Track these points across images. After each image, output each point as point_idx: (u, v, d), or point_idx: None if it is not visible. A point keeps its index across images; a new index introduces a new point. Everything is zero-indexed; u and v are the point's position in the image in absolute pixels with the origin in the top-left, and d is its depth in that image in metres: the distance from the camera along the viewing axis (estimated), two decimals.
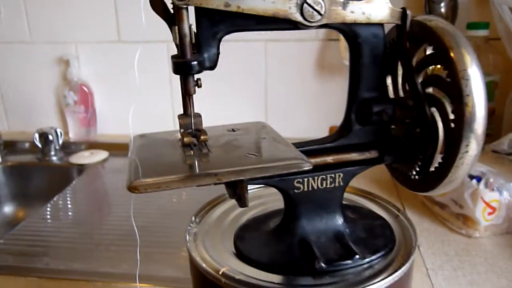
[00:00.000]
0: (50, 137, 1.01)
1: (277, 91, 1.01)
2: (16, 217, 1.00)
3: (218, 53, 0.23)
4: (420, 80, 0.25)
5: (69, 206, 0.85)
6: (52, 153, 1.02)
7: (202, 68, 0.22)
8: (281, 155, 0.22)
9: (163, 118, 1.03)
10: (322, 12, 0.23)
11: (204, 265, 0.25)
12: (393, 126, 0.27)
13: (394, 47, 0.26)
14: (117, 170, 0.97)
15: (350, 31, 0.24)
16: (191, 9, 0.22)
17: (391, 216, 0.30)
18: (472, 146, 0.22)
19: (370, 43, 0.25)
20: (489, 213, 0.62)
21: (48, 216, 0.78)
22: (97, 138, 1.09)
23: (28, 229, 0.73)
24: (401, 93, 0.27)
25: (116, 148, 1.04)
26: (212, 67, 0.23)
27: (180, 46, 0.22)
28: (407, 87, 0.25)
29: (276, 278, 0.25)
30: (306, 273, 0.25)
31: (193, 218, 0.30)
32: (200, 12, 0.22)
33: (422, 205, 0.73)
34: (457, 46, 0.22)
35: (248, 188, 0.30)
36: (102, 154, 1.01)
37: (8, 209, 1.00)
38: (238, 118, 0.23)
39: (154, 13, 0.22)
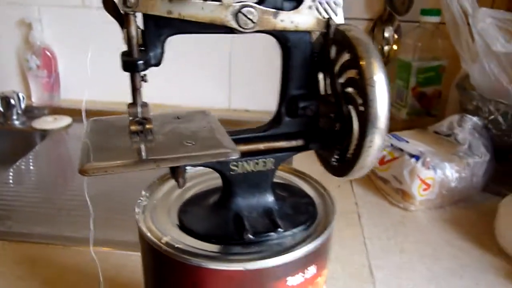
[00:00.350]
0: (12, 101, 1.01)
1: (242, 66, 1.04)
2: None
3: (162, 52, 0.26)
4: (342, 81, 0.29)
5: (32, 171, 0.86)
6: (14, 117, 1.02)
7: (147, 66, 0.25)
8: (214, 144, 0.26)
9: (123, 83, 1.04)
10: (255, 21, 0.26)
11: (149, 234, 0.29)
12: (320, 119, 0.31)
13: (321, 51, 0.30)
14: (80, 136, 0.98)
15: (280, 36, 0.28)
16: (139, 13, 0.25)
17: (317, 194, 0.35)
18: (376, 142, 0.27)
19: (298, 47, 0.28)
20: (424, 189, 0.68)
21: (11, 181, 0.80)
22: (60, 104, 1.09)
23: None
24: (329, 91, 0.31)
25: (80, 114, 1.04)
26: (157, 64, 0.26)
27: (128, 46, 0.25)
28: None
29: (211, 247, 0.29)
30: (237, 243, 0.29)
31: (143, 192, 0.34)
32: (146, 17, 0.25)
33: (368, 180, 0.79)
34: (368, 56, 0.26)
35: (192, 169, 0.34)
36: (65, 120, 1.02)
37: None
38: (202, 93, 0.26)
39: None
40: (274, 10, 0.26)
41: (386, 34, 0.97)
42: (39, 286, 0.51)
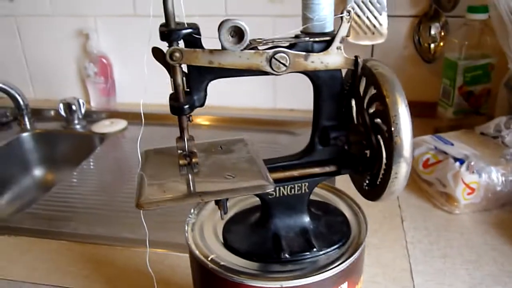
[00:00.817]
0: (74, 107, 1.09)
1: None
2: (46, 180, 1.10)
3: (205, 95, 0.30)
4: (371, 111, 0.31)
5: (93, 173, 0.93)
6: (76, 121, 1.10)
7: (192, 108, 0.29)
8: (252, 176, 0.29)
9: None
10: (287, 64, 0.29)
11: (197, 252, 0.33)
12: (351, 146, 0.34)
13: (351, 84, 0.32)
14: (135, 139, 1.05)
15: (312, 75, 0.30)
16: None
17: (352, 212, 0.37)
18: (401, 172, 0.29)
19: (328, 84, 0.31)
20: (468, 193, 0.68)
21: (75, 183, 0.88)
22: (116, 107, 1.16)
23: (57, 195, 0.82)
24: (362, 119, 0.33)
25: (134, 118, 1.11)
26: (201, 106, 0.30)
27: (175, 92, 0.28)
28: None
29: (252, 265, 0.32)
30: (275, 261, 0.32)
31: (192, 210, 0.38)
32: (190, 67, 0.28)
33: (412, 182, 0.79)
34: (392, 94, 0.28)
35: None
36: (121, 124, 1.09)
37: (38, 172, 1.10)
38: (248, 93, 0.28)
39: None
40: (304, 53, 0.29)
41: (432, 31, 0.95)
42: (104, 285, 0.57)
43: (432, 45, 0.95)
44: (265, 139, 1.02)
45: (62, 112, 1.08)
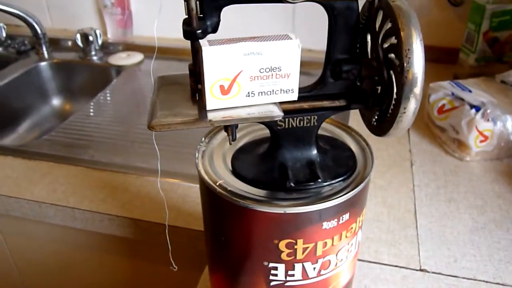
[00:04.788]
0: (91, 38, 1.08)
1: (305, 5, 1.03)
2: (64, 109, 1.12)
3: (219, 21, 0.29)
4: (386, 46, 0.31)
5: (109, 104, 0.95)
6: (93, 52, 1.10)
7: (205, 34, 0.29)
8: (263, 104, 0.29)
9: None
10: None
11: (206, 177, 0.34)
12: (363, 81, 0.33)
13: (368, 18, 0.31)
14: (151, 72, 1.05)
15: (328, 5, 0.30)
16: None
17: (359, 148, 0.38)
18: (410, 108, 0.29)
19: (344, 15, 0.30)
20: (481, 141, 0.68)
21: (92, 113, 0.89)
22: (133, 40, 1.16)
23: (75, 124, 0.85)
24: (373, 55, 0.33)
25: (150, 51, 1.11)
26: (214, 32, 0.30)
27: (188, 17, 0.28)
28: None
29: (258, 191, 0.33)
30: (280, 189, 0.33)
31: (203, 139, 0.39)
32: None
33: (425, 127, 0.79)
34: (408, 28, 0.27)
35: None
36: (138, 56, 1.09)
37: (56, 101, 1.12)
38: (266, 33, 0.28)
39: None
40: None
41: None
42: (119, 208, 0.60)
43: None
44: None
45: (79, 43, 1.08)
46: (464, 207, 0.61)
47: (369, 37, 0.33)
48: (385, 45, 0.31)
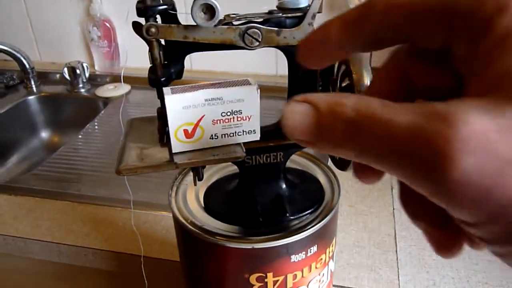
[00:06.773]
0: (78, 71, 1.10)
1: None
2: (52, 142, 1.13)
3: (183, 68, 0.31)
4: (344, 84, 0.33)
5: (97, 136, 0.96)
6: (80, 85, 1.12)
7: (169, 81, 0.30)
8: (228, 146, 0.31)
9: None
10: (260, 40, 0.30)
11: (178, 214, 0.35)
12: None
13: None
14: (139, 103, 1.07)
15: (285, 50, 0.32)
16: None
17: (327, 179, 0.39)
18: None
19: None
20: None
21: (80, 145, 0.90)
22: (120, 71, 1.17)
23: (62, 157, 0.86)
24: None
25: (138, 82, 1.12)
26: (178, 78, 0.31)
27: (153, 65, 0.30)
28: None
29: (229, 227, 0.35)
30: (250, 225, 0.35)
31: (177, 176, 0.40)
32: (167, 41, 0.30)
33: None
34: (360, 72, 0.29)
35: None
36: (125, 88, 1.11)
37: (44, 134, 1.14)
38: (249, 60, 0.29)
39: None
40: (277, 28, 0.30)
41: None
42: (103, 243, 0.61)
43: None
44: (267, 106, 1.03)
45: (67, 76, 1.10)
46: None
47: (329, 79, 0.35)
48: (343, 84, 0.33)
